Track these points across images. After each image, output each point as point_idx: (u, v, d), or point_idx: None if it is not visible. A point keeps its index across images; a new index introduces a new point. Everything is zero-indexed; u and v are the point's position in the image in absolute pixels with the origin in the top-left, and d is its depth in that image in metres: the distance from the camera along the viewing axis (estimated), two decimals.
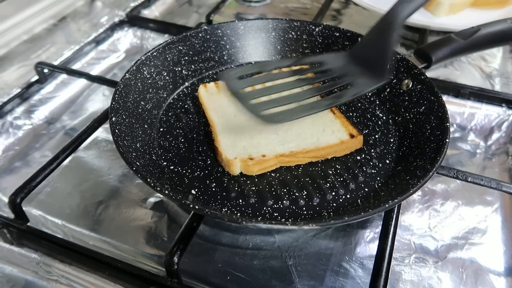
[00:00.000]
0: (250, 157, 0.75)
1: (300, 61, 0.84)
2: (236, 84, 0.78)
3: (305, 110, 0.75)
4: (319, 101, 0.78)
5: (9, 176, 0.88)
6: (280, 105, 0.75)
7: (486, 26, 0.85)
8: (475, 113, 1.01)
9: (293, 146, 0.78)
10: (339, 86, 0.79)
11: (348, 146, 0.79)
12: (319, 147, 0.78)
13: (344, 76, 0.80)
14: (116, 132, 0.72)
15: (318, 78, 0.81)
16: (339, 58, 0.83)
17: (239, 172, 0.76)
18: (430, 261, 0.75)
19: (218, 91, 0.89)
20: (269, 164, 0.76)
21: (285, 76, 0.81)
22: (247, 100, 0.75)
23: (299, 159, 0.78)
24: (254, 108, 0.74)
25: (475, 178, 0.76)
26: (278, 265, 0.73)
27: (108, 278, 0.69)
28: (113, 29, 1.27)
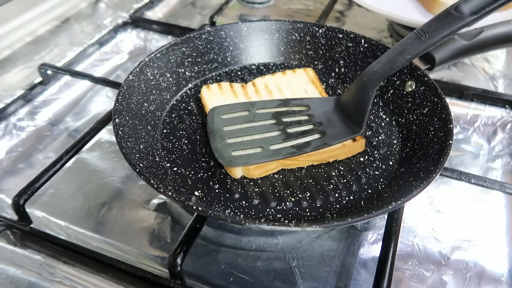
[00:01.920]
0: None
1: (287, 102, 0.85)
2: (218, 121, 0.81)
3: (265, 156, 0.75)
4: (284, 149, 0.77)
5: (13, 178, 0.88)
6: (246, 148, 0.77)
7: (489, 28, 0.85)
8: (478, 115, 1.01)
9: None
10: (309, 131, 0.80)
11: (350, 150, 0.79)
12: (321, 151, 0.78)
13: (322, 123, 0.81)
14: (119, 133, 0.72)
15: (295, 123, 0.81)
16: (326, 103, 0.85)
17: (240, 176, 0.76)
18: (434, 263, 0.75)
19: (221, 92, 0.89)
20: (271, 167, 0.76)
21: (266, 118, 0.82)
22: (222, 139, 0.78)
23: (300, 162, 0.78)
24: (223, 148, 0.76)
25: (478, 180, 0.76)
26: (281, 267, 0.73)
27: (111, 279, 0.69)
28: (117, 30, 1.27)
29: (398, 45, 0.75)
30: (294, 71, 0.95)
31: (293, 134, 0.79)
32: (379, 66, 0.76)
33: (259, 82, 0.92)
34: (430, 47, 0.72)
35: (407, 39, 0.74)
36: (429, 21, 0.73)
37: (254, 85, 0.92)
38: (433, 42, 0.71)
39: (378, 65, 0.76)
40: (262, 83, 0.92)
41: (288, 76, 0.94)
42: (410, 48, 0.73)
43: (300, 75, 0.95)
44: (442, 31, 0.71)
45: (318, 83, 0.93)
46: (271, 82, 0.92)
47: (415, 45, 0.72)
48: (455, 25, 0.70)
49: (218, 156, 0.75)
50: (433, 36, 0.71)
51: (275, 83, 0.92)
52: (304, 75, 0.94)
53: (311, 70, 0.96)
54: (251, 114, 0.83)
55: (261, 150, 0.76)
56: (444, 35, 0.71)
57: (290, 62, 1.01)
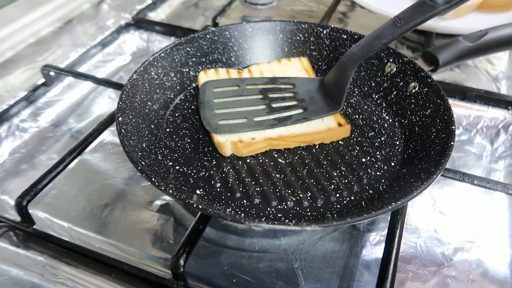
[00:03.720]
0: (240, 139, 0.79)
1: (274, 80, 0.91)
2: (209, 93, 0.87)
3: (249, 126, 0.82)
4: (266, 120, 0.83)
5: (16, 179, 0.88)
6: (233, 118, 0.83)
7: (494, 30, 0.85)
8: (481, 116, 1.01)
9: (282, 130, 0.82)
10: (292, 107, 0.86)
11: (335, 134, 0.83)
12: (307, 132, 0.82)
13: (305, 100, 0.88)
14: (122, 131, 0.72)
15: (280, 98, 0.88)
16: (311, 83, 0.91)
17: (230, 154, 0.80)
18: (436, 264, 0.75)
19: (218, 77, 0.92)
20: (259, 146, 0.80)
21: (253, 93, 0.89)
22: (211, 109, 0.84)
23: (287, 142, 0.82)
24: (211, 117, 0.83)
25: (481, 181, 0.76)
26: (284, 268, 0.73)
27: (114, 280, 0.69)
28: (119, 32, 1.27)
29: (376, 30, 0.79)
30: (289, 60, 0.99)
31: (276, 108, 0.86)
32: (358, 49, 0.81)
33: (255, 69, 0.96)
34: (404, 32, 0.76)
35: (384, 25, 0.78)
36: (405, 9, 0.77)
37: (249, 71, 0.95)
38: (407, 28, 0.76)
39: (357, 47, 0.81)
40: (257, 69, 0.96)
41: (283, 64, 0.98)
42: (386, 33, 0.77)
43: (294, 63, 0.98)
44: (416, 18, 0.75)
45: (311, 71, 0.96)
46: (266, 69, 0.96)
47: (391, 30, 0.77)
48: (428, 13, 0.74)
49: (206, 123, 0.82)
50: (407, 22, 0.76)
51: (270, 70, 0.96)
52: (298, 63, 0.98)
53: (305, 59, 0.99)
54: (240, 89, 0.89)
55: (246, 121, 0.83)
56: (418, 22, 0.75)
57: None
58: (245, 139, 0.79)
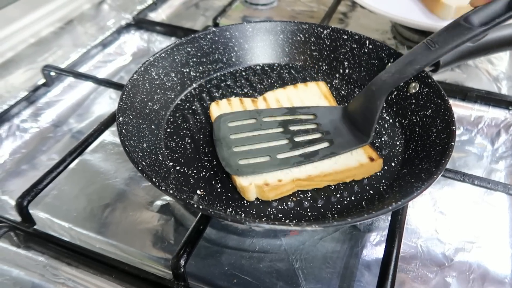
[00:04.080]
0: (266, 182, 0.72)
1: (293, 111, 0.84)
2: (224, 129, 0.80)
3: (272, 165, 0.74)
4: (291, 158, 0.76)
5: (16, 179, 0.88)
6: (254, 157, 0.76)
7: (494, 30, 0.85)
8: (482, 116, 1.01)
9: (310, 169, 0.75)
10: (317, 140, 0.79)
11: (367, 170, 0.77)
12: (337, 171, 0.75)
13: (329, 132, 0.81)
14: (123, 132, 0.72)
15: (303, 131, 0.81)
16: (333, 112, 0.84)
17: (254, 198, 0.73)
18: (437, 264, 0.75)
19: (231, 108, 0.86)
20: (286, 189, 0.73)
21: (273, 126, 0.81)
22: (228, 147, 0.77)
23: (316, 183, 0.74)
24: (230, 156, 0.75)
25: (482, 182, 0.76)
26: (284, 268, 0.73)
27: (115, 281, 0.69)
28: (120, 32, 1.27)
29: (407, 55, 0.75)
30: (306, 85, 0.93)
31: (300, 143, 0.78)
32: (388, 76, 0.75)
33: (270, 96, 0.90)
34: (439, 57, 0.72)
35: (416, 49, 0.74)
36: (439, 31, 0.73)
37: (265, 99, 0.89)
38: (443, 52, 0.71)
39: (387, 74, 0.76)
40: (273, 97, 0.90)
41: (299, 90, 0.92)
42: (419, 58, 0.72)
43: (312, 89, 0.92)
44: (451, 42, 0.71)
45: (330, 97, 0.90)
46: (282, 96, 0.90)
47: (424, 55, 0.72)
48: (465, 36, 0.70)
49: (225, 165, 0.74)
50: (442, 46, 0.71)
51: (286, 97, 0.90)
52: (316, 89, 0.92)
53: (323, 84, 0.93)
54: (258, 122, 0.82)
55: (269, 159, 0.75)
56: (454, 45, 0.71)
57: (295, 63, 1.01)
58: (271, 182, 0.72)
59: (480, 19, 0.70)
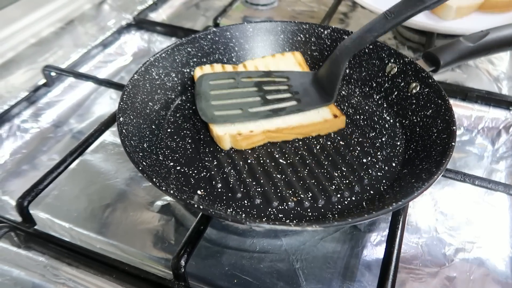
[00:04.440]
0: (239, 132, 0.81)
1: (269, 73, 0.93)
2: (205, 86, 0.89)
3: (244, 117, 0.84)
4: (261, 112, 0.85)
5: (17, 179, 0.88)
6: (228, 109, 0.85)
7: (495, 30, 0.85)
8: (482, 116, 1.01)
9: (279, 122, 0.84)
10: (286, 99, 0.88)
11: (331, 125, 0.85)
12: (303, 124, 0.84)
13: (298, 92, 0.90)
14: (123, 132, 0.72)
15: (275, 91, 0.90)
16: (304, 76, 0.93)
17: (229, 147, 0.82)
18: (438, 264, 0.75)
19: (212, 71, 0.93)
20: (257, 139, 0.82)
21: (248, 86, 0.91)
22: (206, 100, 0.86)
23: (285, 135, 0.83)
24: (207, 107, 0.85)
25: (482, 182, 0.76)
26: (285, 268, 0.73)
27: (115, 281, 0.69)
28: (120, 32, 1.27)
29: (367, 24, 0.82)
30: (283, 54, 1.00)
31: (271, 100, 0.88)
32: (350, 42, 0.84)
33: (249, 64, 0.97)
34: (394, 25, 0.80)
35: (375, 19, 0.81)
36: (396, 4, 0.79)
37: (244, 66, 0.96)
38: (397, 21, 0.79)
39: (349, 40, 0.85)
40: (252, 64, 0.97)
41: (277, 58, 0.99)
42: (377, 26, 0.81)
43: (288, 57, 0.99)
44: (405, 12, 0.78)
45: (304, 65, 0.98)
46: (260, 64, 0.97)
47: (381, 23, 0.80)
48: (418, 6, 0.77)
49: (202, 114, 0.84)
50: (397, 16, 0.79)
51: (264, 64, 0.97)
52: (292, 57, 0.99)
53: (298, 53, 1.00)
54: (236, 82, 0.91)
55: (241, 112, 0.85)
56: (407, 15, 0.78)
57: None
58: (244, 132, 0.81)
59: None
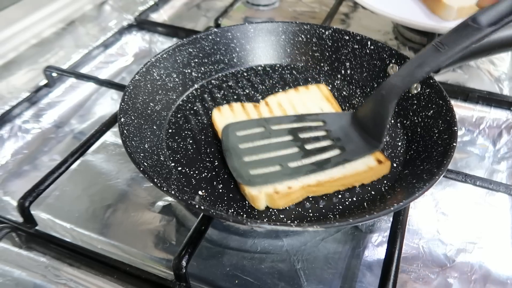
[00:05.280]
0: (276, 190, 0.70)
1: (302, 118, 0.83)
2: (233, 139, 0.78)
3: (285, 175, 0.72)
4: (303, 166, 0.74)
5: (18, 180, 0.89)
6: (265, 166, 0.74)
7: (496, 31, 0.85)
8: (483, 117, 1.01)
9: (320, 175, 0.74)
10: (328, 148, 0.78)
11: (376, 172, 0.76)
12: (347, 175, 0.74)
13: (340, 138, 0.79)
14: (124, 132, 0.72)
15: (313, 139, 0.79)
16: (342, 118, 0.83)
17: (264, 207, 0.71)
18: (439, 265, 0.75)
19: (233, 114, 0.85)
20: (296, 196, 0.72)
21: (282, 135, 0.80)
22: (238, 157, 0.75)
23: (326, 188, 0.73)
24: (240, 166, 0.73)
25: (483, 182, 0.76)
26: (286, 269, 0.73)
27: (117, 281, 0.69)
28: (122, 33, 1.27)
29: (416, 58, 0.74)
30: (307, 88, 0.92)
31: (311, 151, 0.77)
32: (398, 80, 0.74)
33: (272, 101, 0.89)
34: (449, 59, 0.71)
35: (425, 51, 0.73)
36: (447, 33, 0.72)
37: (267, 104, 0.88)
38: (452, 54, 0.70)
39: (397, 78, 0.75)
40: (275, 101, 0.89)
41: (301, 93, 0.91)
42: (429, 60, 0.72)
43: (313, 91, 0.91)
44: (461, 43, 0.70)
45: (333, 100, 0.90)
46: (284, 100, 0.89)
47: (434, 57, 0.71)
48: (474, 36, 0.70)
49: (237, 175, 0.72)
50: (452, 47, 0.70)
51: (288, 101, 0.89)
52: (317, 91, 0.91)
53: (324, 86, 0.93)
54: (267, 131, 0.80)
55: (280, 168, 0.73)
56: (463, 46, 0.70)
57: (297, 64, 1.01)
58: (281, 189, 0.70)
59: (488, 19, 0.70)
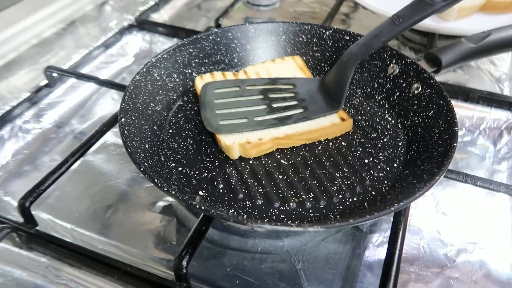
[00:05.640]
0: (248, 141, 0.79)
1: (275, 81, 0.92)
2: (210, 94, 0.88)
3: (249, 126, 0.82)
4: (267, 120, 0.84)
5: (18, 180, 0.88)
6: (233, 119, 0.83)
7: (497, 31, 0.85)
8: (484, 117, 1.01)
9: (287, 129, 0.83)
10: (293, 107, 0.87)
11: (338, 129, 0.84)
12: (312, 129, 0.83)
13: (305, 99, 0.89)
14: (125, 133, 0.73)
15: (281, 99, 0.89)
16: (311, 83, 0.92)
17: (238, 156, 0.80)
18: (439, 265, 0.75)
19: (214, 80, 0.92)
20: (266, 146, 0.80)
21: (254, 94, 0.89)
22: (212, 109, 0.85)
23: (293, 141, 0.82)
24: (212, 117, 0.83)
25: (484, 182, 0.76)
26: (287, 269, 0.73)
27: (117, 282, 0.69)
28: (122, 33, 1.27)
29: (374, 29, 0.80)
30: (283, 59, 0.99)
31: (277, 108, 0.86)
32: (357, 48, 0.82)
33: (250, 70, 0.96)
34: (403, 30, 0.78)
35: (382, 24, 0.79)
36: (404, 7, 0.78)
37: (245, 72, 0.95)
38: (406, 26, 0.77)
39: (356, 46, 0.83)
40: (253, 70, 0.95)
41: (277, 63, 0.98)
42: (385, 31, 0.79)
43: (289, 62, 0.98)
44: (414, 16, 0.76)
45: (306, 69, 0.97)
46: (261, 69, 0.96)
47: (389, 28, 0.78)
48: (426, 10, 0.76)
49: (207, 124, 0.82)
50: (406, 20, 0.77)
51: (265, 70, 0.96)
52: (292, 62, 0.98)
53: (299, 57, 0.99)
54: (241, 90, 0.89)
55: (247, 121, 0.83)
56: (416, 19, 0.76)
57: None
58: (253, 140, 0.79)
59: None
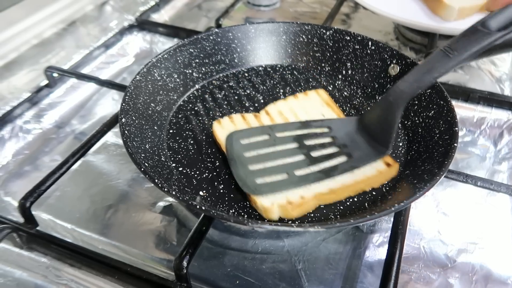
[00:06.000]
0: (289, 201, 0.69)
1: (307, 124, 0.81)
2: (237, 147, 0.77)
3: (292, 183, 0.71)
4: (310, 174, 0.73)
5: (19, 180, 0.88)
6: (271, 175, 0.72)
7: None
8: (484, 117, 1.01)
9: (330, 182, 0.73)
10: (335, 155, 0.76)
11: (385, 176, 0.75)
12: (358, 181, 0.73)
13: (346, 145, 0.78)
14: (125, 133, 0.73)
15: (319, 146, 0.78)
16: (348, 124, 0.81)
17: (278, 218, 0.69)
18: (440, 265, 0.75)
19: (234, 126, 0.83)
20: (309, 205, 0.70)
21: (287, 142, 0.78)
22: (243, 166, 0.74)
23: (337, 195, 0.72)
24: (246, 175, 0.72)
25: (484, 183, 0.76)
26: (287, 269, 0.73)
27: (118, 282, 0.69)
28: (123, 33, 1.27)
29: (425, 63, 0.72)
30: (306, 94, 0.91)
31: (318, 158, 0.75)
32: (406, 85, 0.73)
33: (272, 110, 0.87)
34: (458, 64, 0.69)
35: (434, 57, 0.71)
36: (456, 37, 0.71)
37: (267, 113, 0.87)
38: (462, 59, 0.69)
39: (405, 84, 0.73)
40: (275, 110, 0.87)
41: (300, 100, 0.90)
42: (438, 66, 0.70)
43: (313, 97, 0.90)
44: (470, 48, 0.68)
45: (333, 104, 0.89)
46: (284, 108, 0.87)
47: (443, 62, 0.70)
48: (484, 41, 0.68)
49: (242, 184, 0.71)
50: (461, 53, 0.69)
51: (289, 108, 0.87)
52: (317, 97, 0.90)
53: (322, 91, 0.92)
54: (271, 138, 0.78)
55: (287, 177, 0.72)
56: (473, 51, 0.68)
57: (298, 64, 1.01)
58: (294, 200, 0.69)
59: (497, 24, 0.69)
